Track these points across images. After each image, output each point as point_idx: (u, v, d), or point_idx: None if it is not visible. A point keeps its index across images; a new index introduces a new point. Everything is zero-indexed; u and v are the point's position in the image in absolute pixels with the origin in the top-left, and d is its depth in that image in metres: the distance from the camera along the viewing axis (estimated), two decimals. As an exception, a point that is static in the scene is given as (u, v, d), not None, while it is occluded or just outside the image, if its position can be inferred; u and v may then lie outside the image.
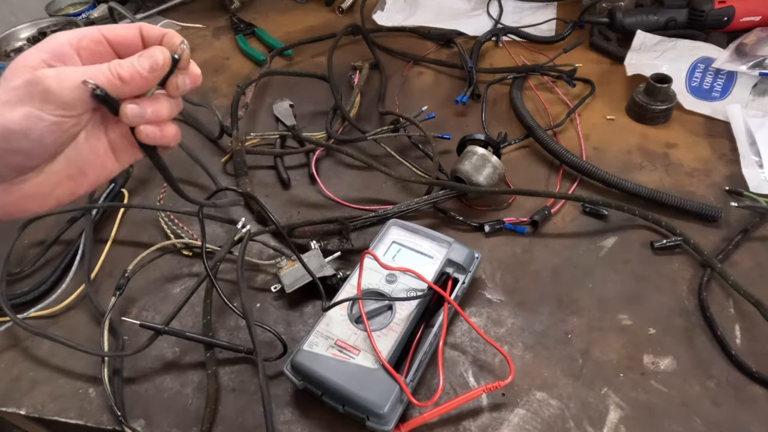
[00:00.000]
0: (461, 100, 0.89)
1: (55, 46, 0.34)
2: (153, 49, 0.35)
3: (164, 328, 0.57)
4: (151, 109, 0.36)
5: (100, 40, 0.36)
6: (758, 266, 0.64)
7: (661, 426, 0.52)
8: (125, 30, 0.36)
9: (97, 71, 0.33)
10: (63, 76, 0.32)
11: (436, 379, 0.55)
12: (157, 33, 0.37)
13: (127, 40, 0.36)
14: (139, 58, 0.35)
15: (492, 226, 0.70)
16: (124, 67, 0.34)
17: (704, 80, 0.88)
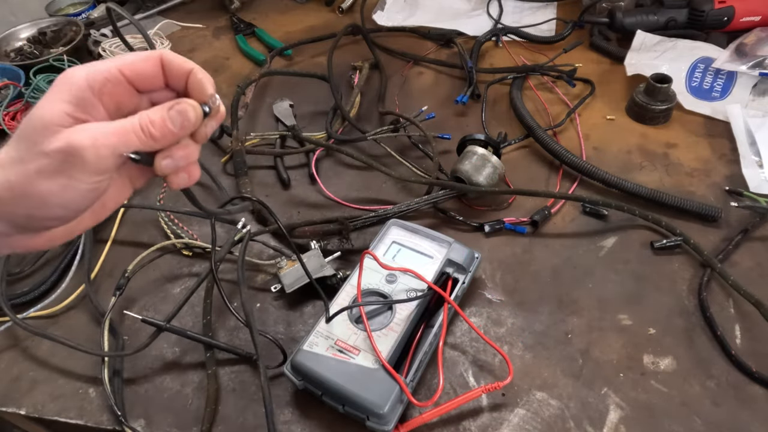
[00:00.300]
0: (461, 100, 0.89)
1: (77, 95, 0.32)
2: (185, 105, 0.34)
3: (166, 324, 0.57)
4: (181, 157, 0.35)
5: (120, 80, 0.34)
6: (758, 266, 0.64)
7: (661, 426, 0.52)
8: (145, 63, 0.34)
9: (130, 133, 0.32)
10: (99, 145, 0.31)
11: (436, 379, 0.55)
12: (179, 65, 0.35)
13: (147, 72, 0.34)
14: (169, 112, 0.33)
15: (492, 226, 0.70)
16: (156, 125, 0.33)
17: (704, 80, 0.88)
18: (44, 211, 0.32)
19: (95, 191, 0.33)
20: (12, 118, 0.91)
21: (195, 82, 0.35)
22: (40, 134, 0.31)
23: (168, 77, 0.35)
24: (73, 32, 1.11)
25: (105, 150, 0.31)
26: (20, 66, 0.98)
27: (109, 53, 1.04)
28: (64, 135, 0.31)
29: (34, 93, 0.90)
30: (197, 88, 0.35)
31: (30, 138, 0.31)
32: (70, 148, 0.30)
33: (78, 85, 0.32)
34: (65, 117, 0.31)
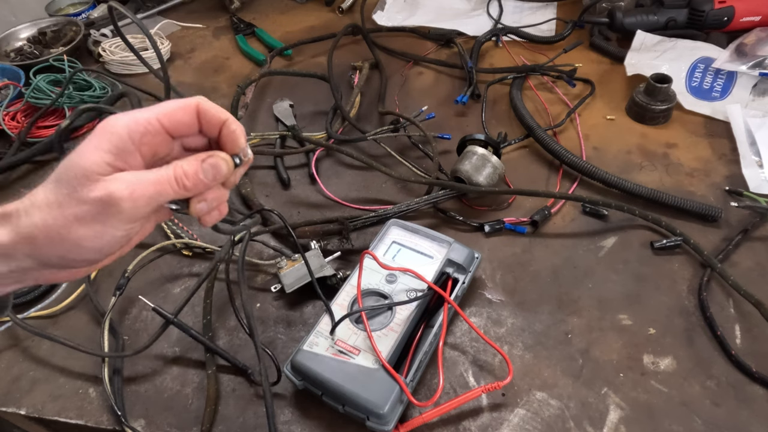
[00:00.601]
0: (461, 100, 0.89)
1: (117, 145, 0.33)
2: (217, 159, 0.35)
3: (174, 318, 0.57)
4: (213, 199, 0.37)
5: (159, 130, 0.35)
6: (758, 266, 0.64)
7: (661, 426, 0.52)
8: (182, 113, 0.35)
9: (165, 185, 0.33)
10: (136, 196, 0.32)
11: (436, 379, 0.55)
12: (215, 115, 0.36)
13: (184, 121, 0.35)
14: (203, 164, 0.35)
15: (492, 226, 0.70)
16: (189, 178, 0.34)
17: (704, 80, 0.88)
18: (77, 254, 0.33)
19: (128, 237, 0.34)
20: (12, 118, 0.91)
21: (228, 133, 0.36)
22: (80, 182, 0.32)
23: (202, 125, 0.36)
24: (73, 32, 1.11)
25: (142, 201, 0.33)
26: (20, 66, 0.98)
27: (109, 53, 1.04)
28: (103, 185, 0.32)
29: (34, 93, 0.90)
30: (230, 139, 0.36)
31: (70, 183, 0.32)
32: (109, 198, 0.32)
33: (119, 135, 0.33)
34: (105, 166, 0.32)
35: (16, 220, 0.33)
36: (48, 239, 0.32)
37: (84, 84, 0.95)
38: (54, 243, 0.32)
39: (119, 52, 1.04)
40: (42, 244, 0.32)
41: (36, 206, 0.32)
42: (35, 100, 0.90)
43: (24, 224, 0.32)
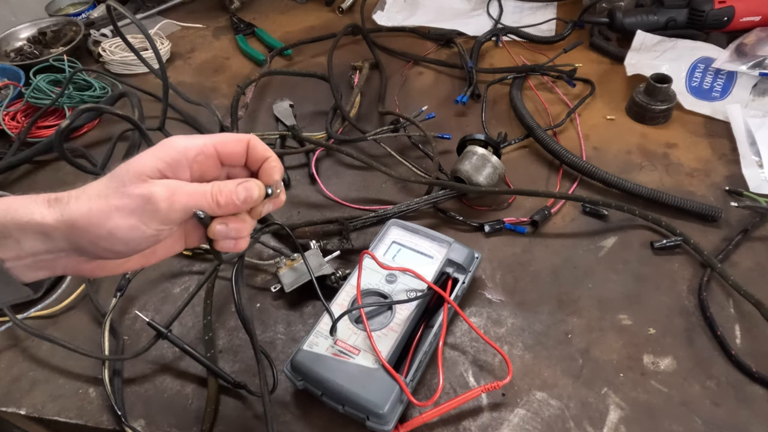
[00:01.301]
0: (461, 100, 0.89)
1: (173, 158, 0.37)
2: (251, 183, 0.39)
3: (167, 332, 0.56)
4: (234, 228, 0.39)
5: (212, 154, 0.39)
6: (758, 266, 0.64)
7: (661, 426, 0.52)
8: (235, 144, 0.39)
9: (201, 196, 0.37)
10: (174, 200, 0.36)
11: (436, 379, 0.55)
12: (260, 151, 0.40)
13: (235, 153, 0.39)
14: (238, 186, 0.38)
15: (492, 226, 0.70)
16: (223, 194, 0.37)
17: (704, 80, 0.88)
18: (108, 242, 0.36)
19: (156, 238, 0.37)
20: (12, 118, 0.91)
21: (268, 167, 0.40)
22: (130, 179, 0.35)
23: (249, 158, 0.40)
24: (73, 32, 1.11)
25: (177, 204, 0.36)
26: (20, 66, 0.98)
27: (109, 53, 1.04)
28: (148, 184, 0.35)
29: (34, 93, 0.90)
30: (268, 172, 0.40)
31: (121, 179, 0.35)
32: (150, 196, 0.35)
33: (176, 149, 0.37)
34: (156, 171, 0.36)
35: (64, 205, 0.35)
36: (87, 224, 0.35)
37: (84, 84, 0.95)
38: (91, 228, 0.35)
39: (119, 52, 1.04)
40: (80, 228, 0.35)
41: (85, 194, 0.36)
42: (35, 100, 0.90)
43: (70, 209, 0.35)
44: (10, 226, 0.35)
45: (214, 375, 0.57)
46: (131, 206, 0.35)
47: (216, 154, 0.39)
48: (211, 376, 0.57)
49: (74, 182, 0.81)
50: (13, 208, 0.35)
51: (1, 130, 0.89)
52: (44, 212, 0.35)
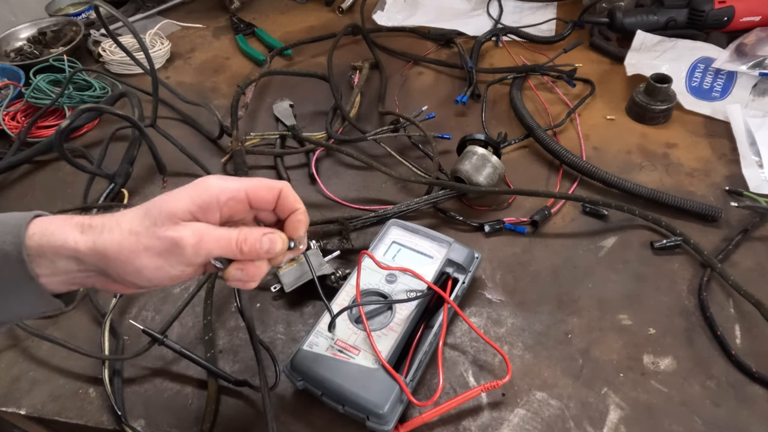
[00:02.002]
0: (461, 100, 0.89)
1: (205, 202, 0.39)
2: (276, 236, 0.41)
3: (163, 338, 0.56)
4: (248, 274, 0.41)
5: (243, 200, 0.41)
6: (758, 266, 0.64)
7: (661, 426, 0.52)
8: (267, 192, 0.41)
9: (226, 243, 0.39)
10: (200, 246, 0.38)
11: (436, 379, 0.55)
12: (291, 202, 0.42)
13: (265, 199, 0.42)
14: (263, 237, 0.40)
15: (492, 226, 0.70)
16: (248, 243, 0.39)
17: (704, 80, 0.88)
18: (134, 278, 0.38)
19: (179, 277, 0.39)
20: (12, 118, 0.91)
21: (294, 220, 0.42)
22: (163, 220, 0.37)
23: (278, 206, 0.42)
24: (73, 32, 1.11)
25: (203, 251, 0.38)
26: (20, 66, 0.98)
27: (109, 53, 1.04)
28: (178, 228, 0.37)
29: (34, 93, 0.90)
30: (294, 226, 0.42)
31: (154, 218, 0.37)
32: (179, 240, 0.37)
33: (210, 193, 0.39)
34: (188, 214, 0.38)
35: (98, 233, 0.37)
36: (116, 259, 0.37)
37: (84, 84, 0.95)
38: (119, 263, 0.37)
39: (119, 52, 1.04)
40: (110, 259, 0.37)
41: (119, 227, 0.37)
42: (35, 100, 0.90)
43: (103, 239, 0.37)
44: (46, 247, 0.37)
45: (214, 376, 0.57)
46: (159, 248, 0.37)
47: (247, 199, 0.41)
48: (211, 377, 0.57)
49: (74, 182, 0.81)
50: (50, 231, 0.37)
51: (1, 130, 0.89)
52: (77, 238, 0.37)
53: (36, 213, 0.38)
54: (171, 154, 0.81)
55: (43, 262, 0.37)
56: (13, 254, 0.36)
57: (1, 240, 0.36)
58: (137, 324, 0.57)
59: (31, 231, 0.37)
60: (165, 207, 0.38)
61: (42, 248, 0.36)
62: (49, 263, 0.37)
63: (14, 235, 0.36)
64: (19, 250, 0.36)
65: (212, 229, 0.39)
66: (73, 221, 0.38)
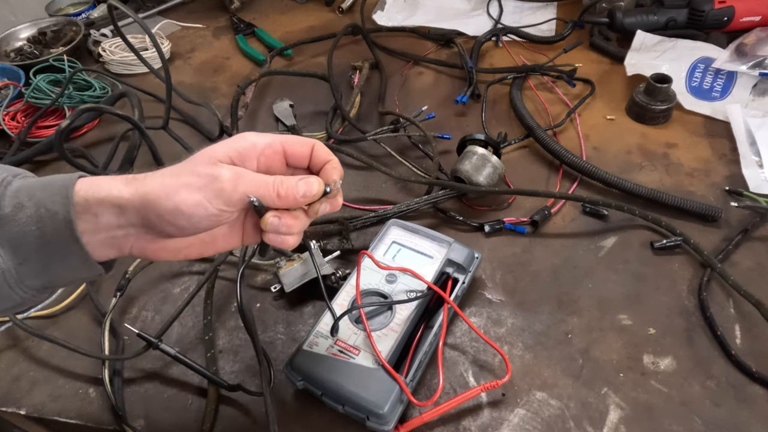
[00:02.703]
0: (461, 100, 0.89)
1: (244, 148, 0.40)
2: (312, 179, 0.41)
3: (158, 342, 0.56)
4: (286, 224, 0.41)
5: (280, 151, 0.42)
6: (758, 266, 0.64)
7: (661, 426, 0.52)
8: (301, 146, 0.42)
9: (263, 185, 0.39)
10: (238, 182, 0.38)
11: (436, 379, 0.55)
12: (323, 155, 0.43)
13: (300, 153, 0.42)
14: (299, 181, 0.40)
15: (492, 226, 0.70)
16: (284, 187, 0.40)
17: (704, 80, 0.88)
18: (173, 216, 0.38)
19: (217, 218, 0.39)
20: (12, 118, 0.91)
21: (329, 168, 0.43)
22: (202, 161, 0.39)
23: (312, 161, 0.43)
24: (73, 32, 1.11)
25: (240, 187, 0.38)
26: (20, 66, 0.98)
27: (109, 53, 1.04)
28: (217, 166, 0.38)
29: (34, 93, 0.90)
30: (328, 171, 0.43)
31: (194, 160, 0.39)
32: (217, 175, 0.38)
33: (247, 141, 0.40)
34: (227, 157, 0.39)
35: (140, 182, 0.38)
36: (156, 197, 0.37)
37: (84, 84, 0.95)
38: (160, 201, 0.37)
39: (119, 52, 1.04)
40: (151, 201, 0.37)
41: (161, 173, 0.39)
42: (35, 100, 0.90)
43: (145, 184, 0.38)
44: (91, 200, 0.37)
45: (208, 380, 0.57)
46: (198, 183, 0.37)
47: (282, 150, 0.41)
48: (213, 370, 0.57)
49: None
50: (96, 183, 0.38)
51: (1, 130, 0.89)
52: (121, 188, 0.38)
53: (80, 174, 0.39)
54: (171, 154, 0.81)
55: (87, 216, 0.37)
56: (61, 214, 0.36)
57: (51, 200, 0.37)
58: (133, 328, 0.57)
59: (78, 187, 0.37)
60: (206, 152, 0.39)
61: (87, 202, 0.37)
62: (92, 218, 0.38)
63: (62, 195, 0.37)
64: (68, 210, 0.36)
65: (249, 171, 0.40)
66: (118, 177, 0.39)
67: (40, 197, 0.37)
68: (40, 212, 0.36)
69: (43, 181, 0.38)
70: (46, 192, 0.37)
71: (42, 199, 0.37)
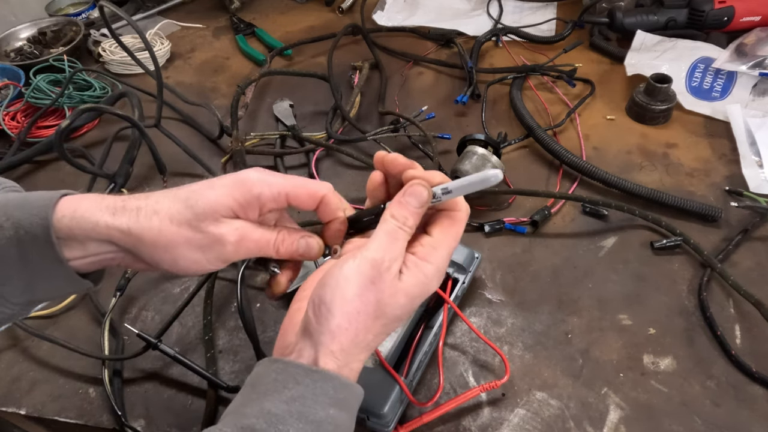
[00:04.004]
0: (461, 100, 0.89)
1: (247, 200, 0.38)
2: (314, 242, 0.41)
3: (157, 342, 0.56)
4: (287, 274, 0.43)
5: (283, 203, 0.40)
6: (758, 266, 0.64)
7: (661, 426, 0.52)
8: (308, 198, 0.40)
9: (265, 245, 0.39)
10: (241, 245, 0.38)
11: (436, 379, 0.55)
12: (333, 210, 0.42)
13: (306, 204, 0.41)
14: (300, 240, 0.40)
15: (492, 226, 0.70)
16: (284, 245, 0.40)
17: (704, 80, 0.88)
18: (168, 265, 0.38)
19: (212, 270, 0.39)
20: (12, 118, 0.91)
21: (334, 228, 0.42)
22: (205, 215, 0.37)
23: (319, 209, 0.41)
24: (73, 32, 1.11)
25: (243, 249, 0.38)
26: (20, 66, 0.98)
27: (109, 53, 1.04)
28: (221, 225, 0.37)
29: (34, 93, 0.90)
30: (334, 234, 0.42)
31: (194, 212, 0.37)
32: (220, 238, 0.37)
33: (252, 194, 0.38)
34: (229, 211, 0.38)
35: (134, 218, 0.37)
36: (153, 244, 0.37)
37: (84, 84, 0.95)
38: (156, 250, 0.37)
39: (119, 52, 1.04)
40: (145, 246, 0.37)
41: (157, 214, 0.37)
42: (35, 100, 0.90)
43: (140, 225, 0.36)
44: (76, 230, 0.36)
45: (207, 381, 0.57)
46: (200, 243, 0.37)
47: (287, 203, 0.40)
48: (212, 373, 0.57)
49: (74, 182, 0.81)
50: (79, 213, 0.36)
51: (1, 130, 0.89)
52: (108, 221, 0.36)
53: (63, 192, 0.37)
54: (171, 154, 0.81)
55: (74, 244, 0.36)
56: (40, 237, 0.35)
57: (29, 222, 0.35)
58: (132, 328, 0.57)
59: (60, 213, 0.36)
60: (206, 202, 0.37)
61: (72, 231, 0.36)
62: (80, 246, 0.36)
63: (41, 217, 0.35)
64: (47, 233, 0.35)
65: (252, 229, 0.39)
66: (103, 203, 0.37)
67: (18, 217, 0.35)
68: (20, 234, 0.35)
69: (20, 199, 0.36)
70: (23, 212, 0.35)
71: (20, 219, 0.35)
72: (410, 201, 0.38)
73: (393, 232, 0.37)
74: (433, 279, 0.37)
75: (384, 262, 0.35)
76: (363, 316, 0.35)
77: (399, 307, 0.36)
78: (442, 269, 0.38)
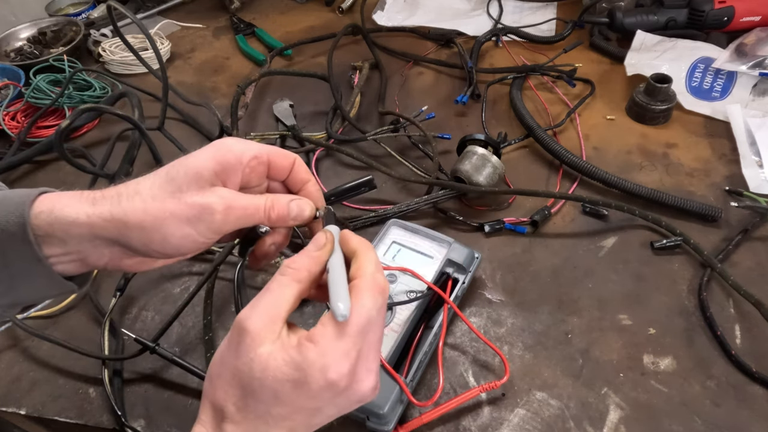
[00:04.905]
0: (461, 100, 0.89)
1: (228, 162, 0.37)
2: (303, 202, 0.40)
3: (155, 346, 0.56)
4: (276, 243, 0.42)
5: (265, 161, 0.39)
6: (758, 266, 0.64)
7: (661, 426, 0.52)
8: (284, 159, 0.40)
9: (254, 210, 0.37)
10: (229, 213, 0.36)
11: (436, 379, 0.55)
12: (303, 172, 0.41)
13: (282, 166, 0.40)
14: (290, 203, 0.39)
15: (492, 226, 0.70)
16: (275, 209, 0.38)
17: (704, 80, 0.88)
18: (160, 246, 0.36)
19: (206, 245, 0.37)
20: (12, 118, 0.91)
21: (312, 191, 0.41)
22: (189, 184, 0.35)
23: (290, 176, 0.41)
24: (73, 32, 1.11)
25: (231, 217, 0.36)
26: (20, 66, 0.98)
27: (109, 53, 1.04)
28: (206, 193, 0.35)
29: (34, 93, 0.90)
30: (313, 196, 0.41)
31: (177, 183, 0.35)
32: (207, 206, 0.35)
33: (233, 153, 0.37)
34: (213, 176, 0.36)
35: (114, 203, 0.35)
36: (140, 226, 0.35)
37: (84, 84, 0.95)
38: (144, 231, 0.35)
39: (119, 52, 1.04)
40: (132, 228, 0.35)
41: (139, 195, 0.35)
42: (35, 100, 0.90)
43: (122, 207, 0.35)
44: (55, 225, 0.34)
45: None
46: (187, 214, 0.35)
47: (267, 162, 0.39)
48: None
49: (74, 182, 0.81)
50: (58, 208, 0.35)
51: (1, 130, 0.89)
52: (89, 211, 0.35)
53: (41, 190, 0.36)
54: (171, 154, 0.81)
55: (54, 241, 0.35)
56: (18, 235, 0.34)
57: (5, 220, 0.34)
58: (130, 333, 0.57)
59: (37, 209, 0.34)
60: (189, 170, 0.36)
61: (51, 227, 0.34)
62: (60, 242, 0.35)
63: (17, 215, 0.34)
64: (24, 231, 0.33)
65: (239, 195, 0.37)
66: (83, 196, 0.36)
67: None
68: None
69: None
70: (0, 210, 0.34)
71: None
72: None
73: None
74: (316, 372, 0.34)
75: (245, 320, 0.33)
76: (221, 381, 0.33)
77: (264, 388, 0.33)
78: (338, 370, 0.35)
